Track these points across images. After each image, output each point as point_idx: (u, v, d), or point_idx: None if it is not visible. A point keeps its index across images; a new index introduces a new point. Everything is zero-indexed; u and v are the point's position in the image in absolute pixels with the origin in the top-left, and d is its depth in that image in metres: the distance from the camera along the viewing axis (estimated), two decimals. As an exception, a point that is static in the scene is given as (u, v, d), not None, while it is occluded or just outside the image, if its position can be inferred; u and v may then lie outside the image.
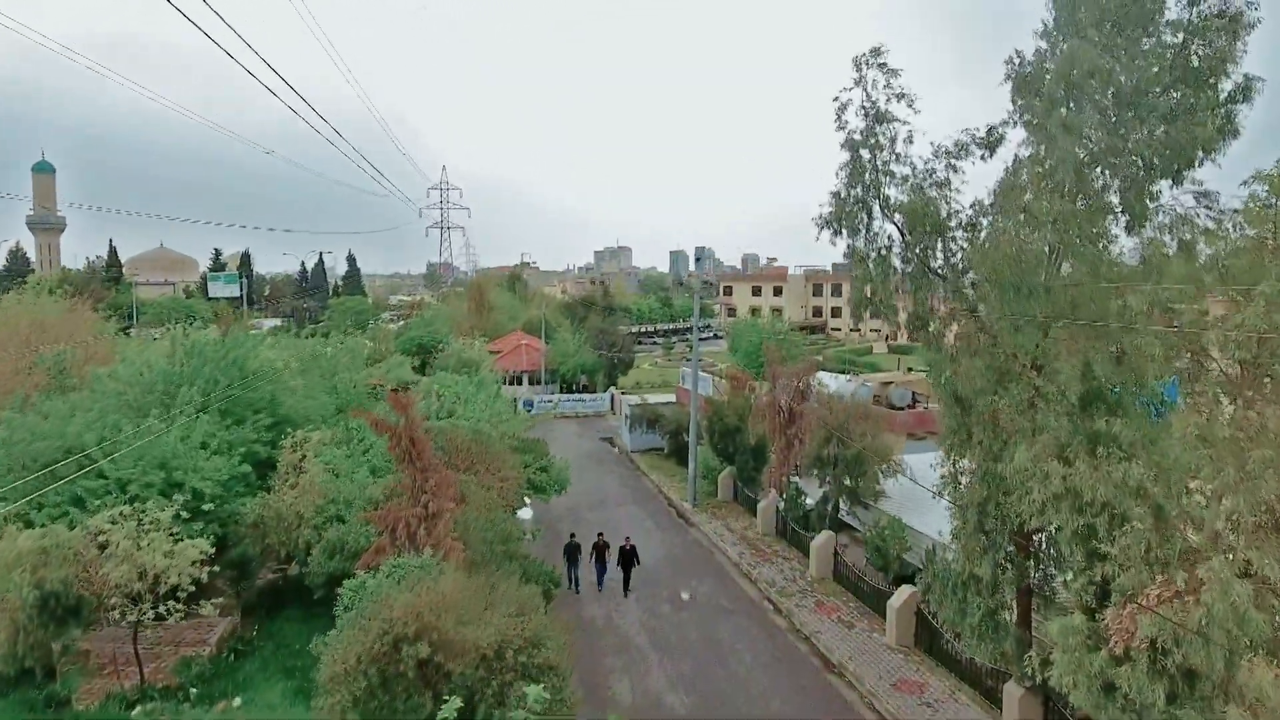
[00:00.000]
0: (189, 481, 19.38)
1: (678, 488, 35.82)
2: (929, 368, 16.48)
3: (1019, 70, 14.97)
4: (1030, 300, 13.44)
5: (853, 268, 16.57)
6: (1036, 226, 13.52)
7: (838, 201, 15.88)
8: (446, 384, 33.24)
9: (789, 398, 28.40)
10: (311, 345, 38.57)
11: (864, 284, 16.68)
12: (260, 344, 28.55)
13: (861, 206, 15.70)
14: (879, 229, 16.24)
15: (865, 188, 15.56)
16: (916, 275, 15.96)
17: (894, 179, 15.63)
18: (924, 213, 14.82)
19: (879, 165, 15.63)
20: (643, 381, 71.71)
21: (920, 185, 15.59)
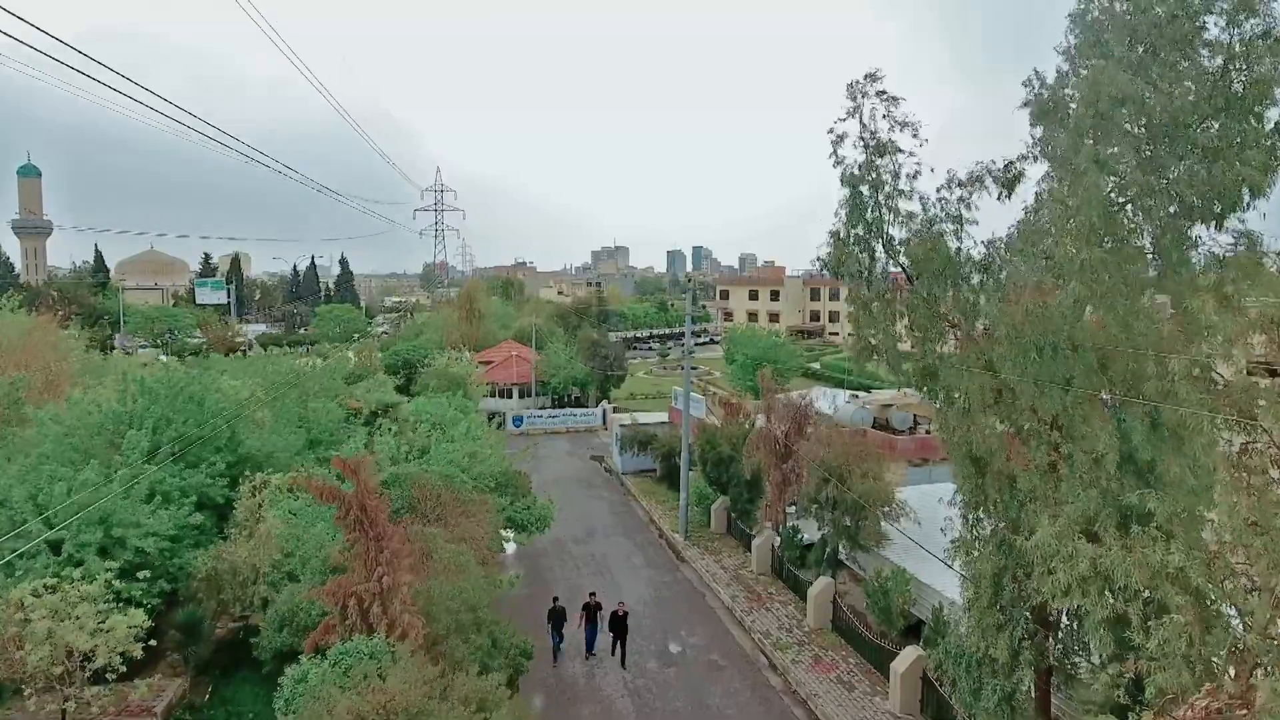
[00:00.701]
0: (130, 539, 17.76)
1: (669, 516, 34.25)
2: (939, 424, 14.91)
3: (1038, 96, 13.40)
4: (1055, 359, 11.88)
5: (854, 313, 15.01)
6: (1060, 274, 11.95)
7: (836, 243, 14.33)
8: (425, 410, 31.64)
9: (785, 428, 26.84)
10: (284, 366, 36.98)
11: (866, 331, 15.14)
12: (220, 375, 26.87)
13: (863, 248, 14.15)
14: (883, 270, 14.70)
15: (867, 226, 14.00)
16: (924, 322, 14.39)
17: (899, 215, 14.08)
18: (932, 257, 13.25)
19: (881, 201, 14.07)
20: (636, 393, 70.17)
21: (930, 221, 14.04)
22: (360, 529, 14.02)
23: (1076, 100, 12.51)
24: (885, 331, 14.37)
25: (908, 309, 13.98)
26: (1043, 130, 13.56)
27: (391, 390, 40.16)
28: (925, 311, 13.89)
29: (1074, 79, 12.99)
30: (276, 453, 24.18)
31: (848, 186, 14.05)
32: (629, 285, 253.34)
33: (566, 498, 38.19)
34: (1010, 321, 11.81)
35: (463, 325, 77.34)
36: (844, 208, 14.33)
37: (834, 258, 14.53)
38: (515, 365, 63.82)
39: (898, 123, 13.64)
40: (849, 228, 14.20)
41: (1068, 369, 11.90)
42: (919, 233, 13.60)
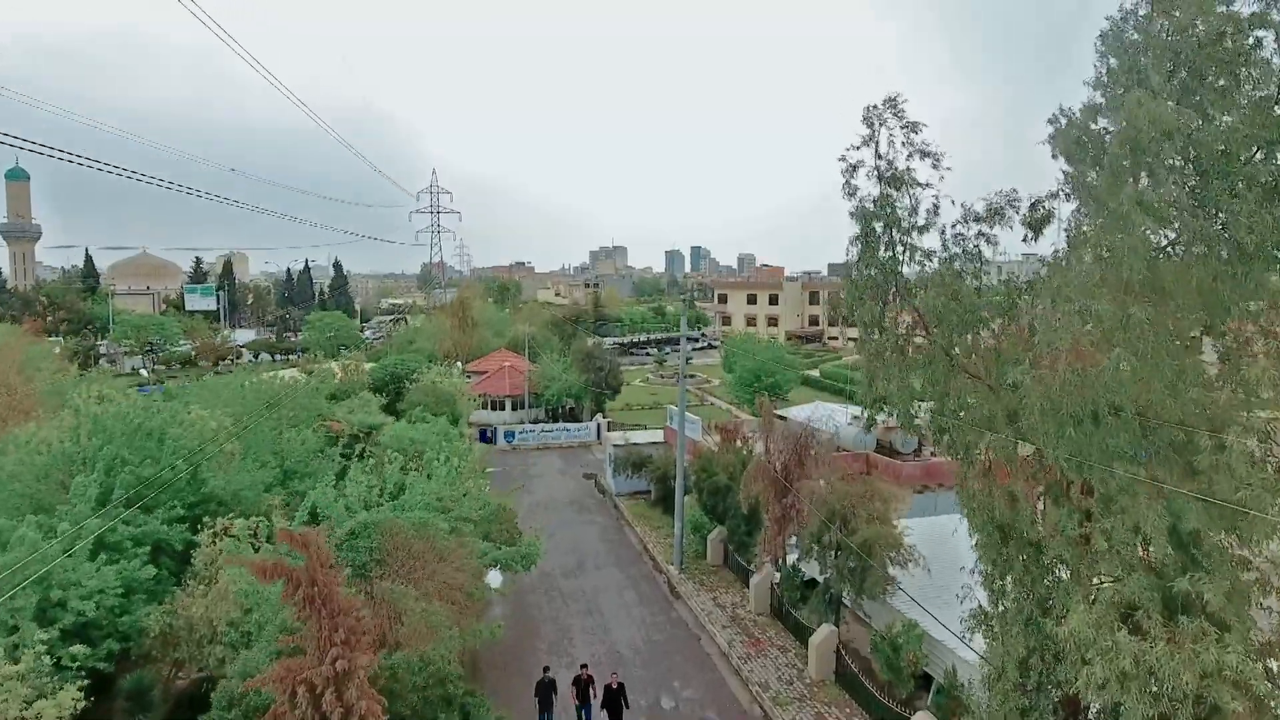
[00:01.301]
0: (70, 600, 16.27)
1: (664, 544, 32.79)
2: (959, 488, 13.43)
3: (1066, 130, 11.91)
4: (1096, 430, 10.40)
5: (865, 362, 13.54)
6: (1100, 332, 10.47)
7: (850, 287, 12.84)
8: (407, 436, 30.20)
9: (785, 460, 25.36)
10: (262, 388, 35.52)
11: (878, 381, 13.66)
12: (186, 406, 25.33)
13: (875, 294, 12.67)
14: (897, 310, 13.24)
15: (880, 267, 12.53)
16: (942, 376, 12.91)
17: (915, 254, 12.63)
18: (952, 308, 11.78)
19: (895, 239, 12.60)
20: (632, 404, 68.67)
21: (948, 260, 12.58)
22: (311, 606, 12.53)
23: (1115, 135, 11.01)
24: (899, 383, 12.91)
25: (925, 361, 12.50)
26: (1073, 167, 12.09)
27: (376, 410, 38.69)
28: (944, 365, 12.41)
29: (1108, 110, 11.50)
30: (244, 490, 22.71)
31: (859, 222, 12.58)
32: (627, 286, 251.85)
33: (557, 522, 36.81)
34: (1045, 391, 10.31)
35: (455, 334, 76.00)
36: (855, 245, 12.85)
37: (848, 304, 13.05)
38: (508, 376, 62.35)
39: (918, 151, 12.17)
40: (861, 268, 12.72)
41: (1110, 439, 10.43)
42: (937, 275, 12.12)
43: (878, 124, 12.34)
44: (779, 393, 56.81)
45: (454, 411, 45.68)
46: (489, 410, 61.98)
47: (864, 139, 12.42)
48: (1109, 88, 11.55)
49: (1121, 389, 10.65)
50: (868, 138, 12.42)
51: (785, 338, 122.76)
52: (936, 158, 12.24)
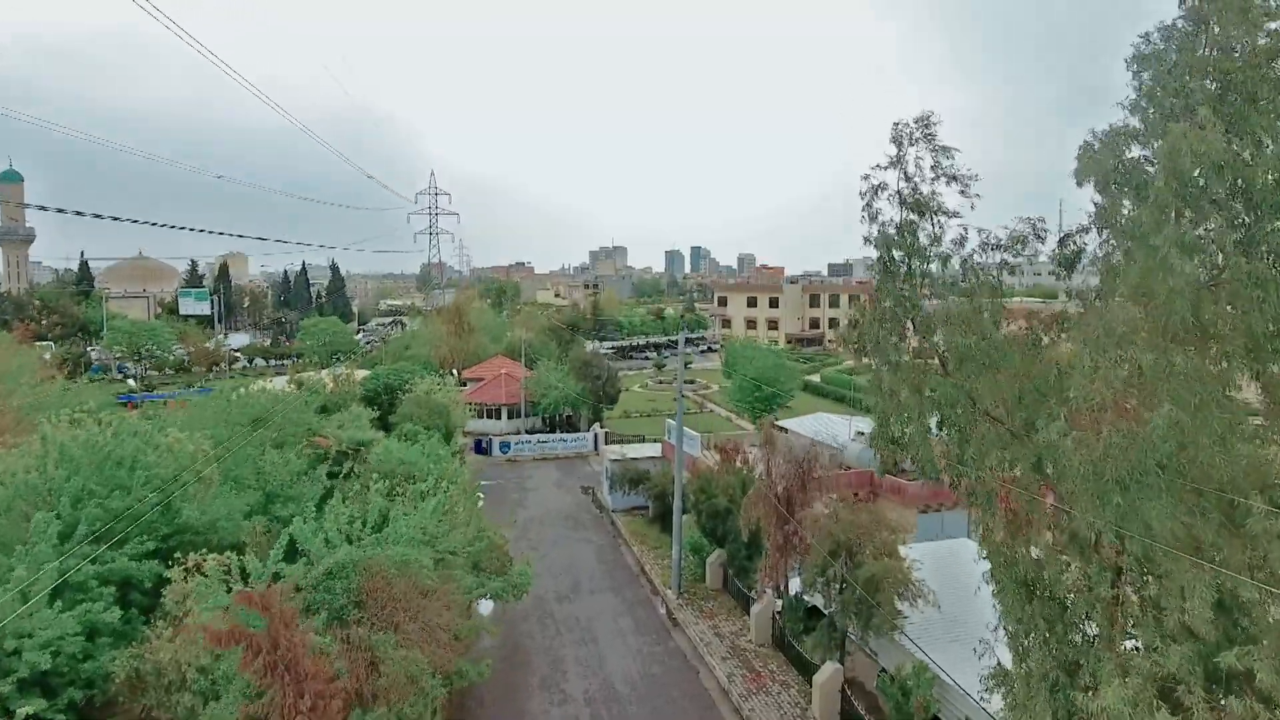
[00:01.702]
0: (26, 652, 15.24)
1: (662, 566, 31.77)
2: (982, 541, 12.41)
3: (1097, 158, 10.86)
4: (1142, 496, 9.36)
5: (877, 400, 12.52)
6: (1140, 376, 9.43)
7: (861, 314, 11.83)
8: (396, 455, 29.16)
9: (787, 485, 24.33)
10: (249, 404, 34.49)
11: (891, 422, 12.64)
12: (163, 430, 24.22)
13: (891, 327, 11.65)
14: (914, 346, 12.22)
15: (897, 299, 11.51)
16: (963, 421, 11.86)
17: (936, 286, 11.61)
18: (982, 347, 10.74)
19: (915, 270, 11.57)
20: (631, 411, 67.69)
21: (969, 293, 11.55)
22: (273, 674, 11.52)
23: (1158, 169, 9.97)
24: (915, 425, 11.87)
25: (945, 403, 11.45)
26: (1107, 199, 11.05)
27: (366, 424, 37.56)
28: (966, 408, 11.37)
29: (1145, 136, 10.46)
30: (220, 520, 21.63)
31: (879, 249, 11.55)
32: (626, 287, 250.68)
33: (552, 540, 35.82)
34: (1087, 455, 9.25)
35: (451, 340, 74.84)
36: (873, 271, 11.81)
37: (859, 336, 12.01)
38: (504, 385, 61.32)
39: (946, 175, 11.14)
40: (877, 300, 11.69)
41: (1153, 501, 9.39)
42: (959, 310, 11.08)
43: (906, 144, 11.31)
44: (780, 402, 55.82)
45: (447, 424, 44.70)
46: (485, 419, 61.01)
47: (891, 159, 11.40)
48: (1146, 111, 10.51)
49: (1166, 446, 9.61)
50: (895, 159, 11.40)
51: (785, 341, 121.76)
52: (966, 182, 11.22)
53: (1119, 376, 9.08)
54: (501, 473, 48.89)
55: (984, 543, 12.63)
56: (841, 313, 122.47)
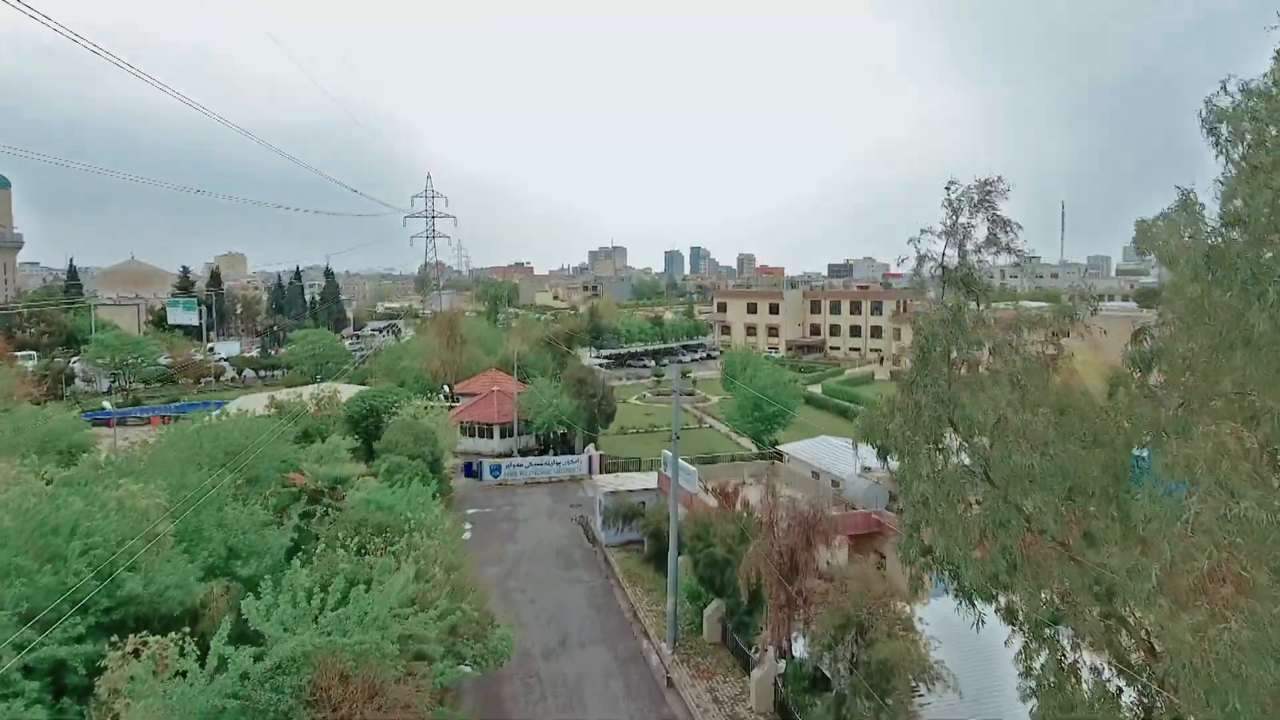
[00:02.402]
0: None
1: (656, 613, 29.90)
2: (1024, 671, 10.51)
3: (1161, 237, 8.96)
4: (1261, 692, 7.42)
5: (905, 505, 10.65)
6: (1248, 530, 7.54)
7: (891, 413, 9.97)
8: (375, 501, 27.28)
9: (791, 541, 22.44)
10: (222, 438, 32.57)
11: (921, 529, 10.76)
12: (117, 484, 22.28)
13: (928, 433, 9.77)
14: (950, 446, 10.35)
15: (936, 397, 9.64)
16: (1014, 536, 9.95)
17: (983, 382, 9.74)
18: (1041, 468, 8.86)
19: (958, 359, 9.70)
20: (628, 426, 65.83)
21: (1016, 378, 9.67)
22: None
23: (1242, 255, 8.06)
24: (954, 540, 9.98)
25: (992, 523, 9.54)
26: (1172, 276, 9.15)
27: (346, 457, 35.61)
28: (1017, 527, 9.47)
29: (1241, 206, 8.54)
30: (170, 589, 19.72)
31: (921, 338, 9.68)
32: (626, 289, 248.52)
33: (541, 581, 33.92)
34: (1209, 652, 7.19)
35: (444, 352, 72.96)
36: (909, 355, 9.94)
37: (883, 432, 10.13)
38: (496, 403, 59.36)
39: (1005, 248, 9.31)
40: (908, 394, 9.81)
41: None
42: (1013, 415, 9.16)
43: (962, 211, 9.44)
44: (780, 423, 53.93)
45: (434, 450, 42.82)
46: (476, 438, 59.09)
47: (945, 228, 9.53)
48: (1245, 172, 8.55)
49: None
50: (949, 226, 9.53)
51: (786, 348, 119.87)
52: (1024, 257, 9.36)
53: (1225, 530, 7.15)
54: (491, 498, 47.03)
55: (1026, 672, 10.73)
56: (843, 319, 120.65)
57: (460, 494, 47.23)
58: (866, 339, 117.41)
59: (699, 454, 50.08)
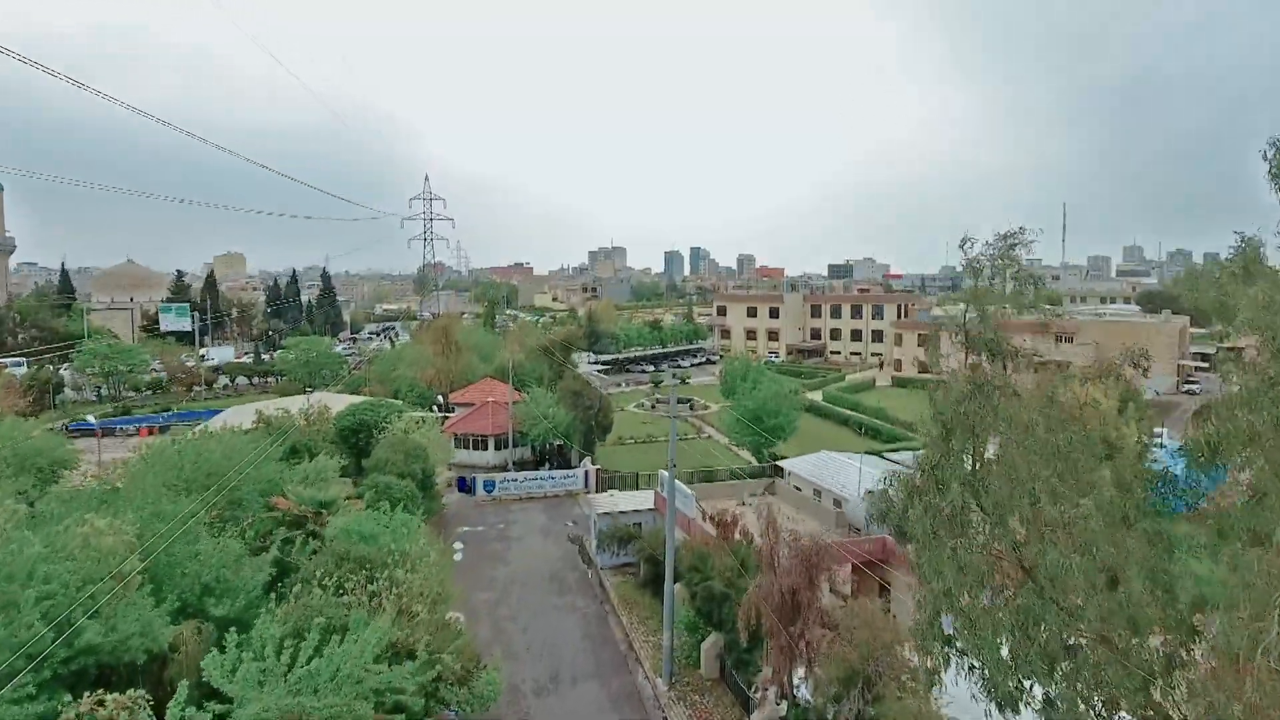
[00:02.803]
0: None
1: (652, 644, 28.77)
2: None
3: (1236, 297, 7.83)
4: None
5: (924, 593, 9.52)
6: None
7: (909, 493, 8.85)
8: (358, 531, 26.10)
9: (793, 581, 21.29)
10: (199, 458, 31.47)
11: (941, 605, 9.62)
12: (83, 521, 21.09)
13: (951, 525, 8.64)
14: (971, 523, 9.22)
15: (960, 482, 8.51)
16: (1054, 628, 8.81)
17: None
18: (1079, 568, 7.74)
19: (983, 438, 8.58)
20: (625, 437, 64.61)
21: (1060, 471, 8.55)
22: None
23: None
24: (982, 639, 8.84)
25: (1022, 618, 8.41)
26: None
27: (333, 479, 34.43)
28: (1055, 621, 8.33)
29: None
30: (132, 638, 18.58)
31: (939, 422, 8.57)
32: (625, 290, 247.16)
33: (533, 610, 32.75)
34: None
35: (439, 360, 71.83)
36: (930, 436, 8.82)
37: (884, 507, 9.02)
38: (491, 414, 58.23)
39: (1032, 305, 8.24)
40: (929, 477, 8.69)
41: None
42: (1054, 511, 8.05)
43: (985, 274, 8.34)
44: (781, 436, 52.78)
45: (425, 467, 41.65)
46: (471, 450, 57.96)
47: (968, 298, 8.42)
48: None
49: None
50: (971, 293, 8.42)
51: (786, 352, 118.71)
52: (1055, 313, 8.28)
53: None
54: (484, 515, 45.87)
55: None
56: (844, 323, 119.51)
57: (452, 511, 46.09)
58: (867, 343, 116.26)
59: (697, 467, 48.96)
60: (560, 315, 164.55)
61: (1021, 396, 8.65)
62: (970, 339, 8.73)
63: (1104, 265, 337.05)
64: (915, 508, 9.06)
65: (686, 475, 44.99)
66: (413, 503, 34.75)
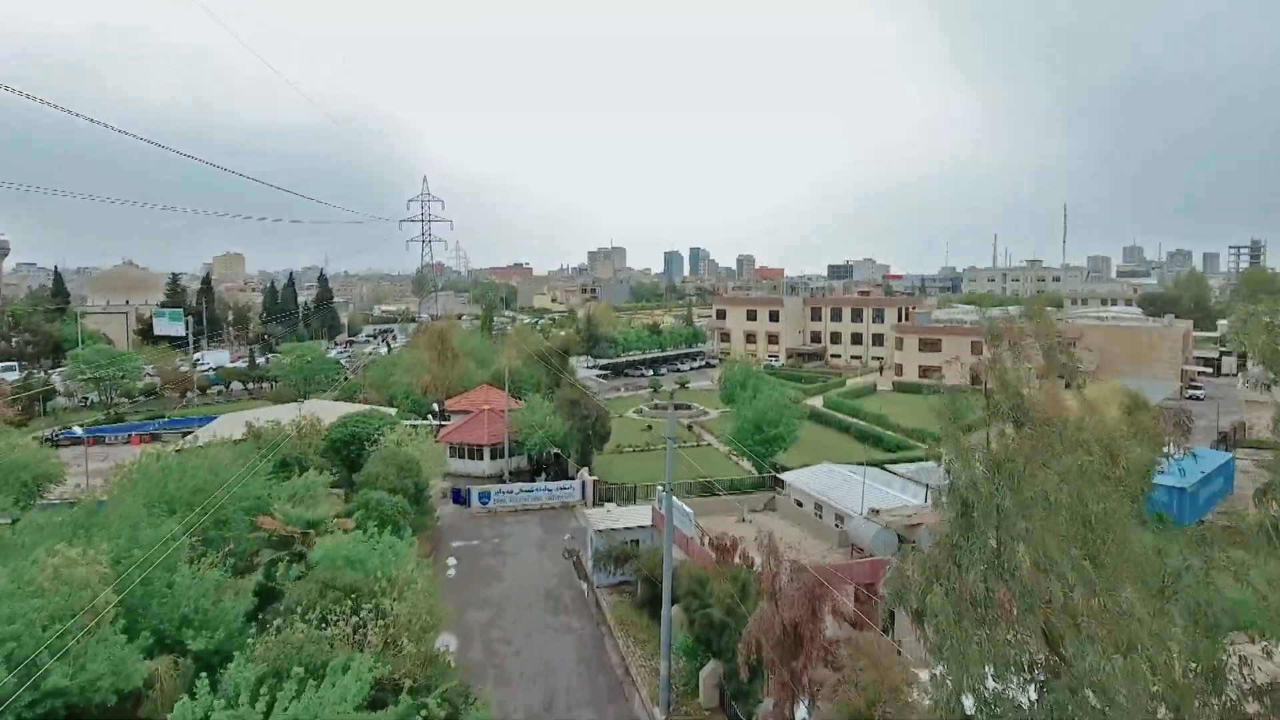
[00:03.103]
0: None
1: (650, 669, 27.91)
2: None
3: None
4: None
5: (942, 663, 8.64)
6: None
7: (928, 574, 7.99)
8: (341, 555, 25.23)
9: (795, 614, 20.42)
10: (184, 474, 30.65)
11: (964, 687, 8.74)
12: (52, 551, 20.21)
13: (975, 609, 7.76)
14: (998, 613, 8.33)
15: (987, 564, 7.64)
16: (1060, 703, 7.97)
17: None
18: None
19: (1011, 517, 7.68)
20: (624, 445, 63.70)
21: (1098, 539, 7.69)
22: None
23: None
24: None
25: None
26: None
27: (322, 497, 33.60)
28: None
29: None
30: (102, 679, 17.71)
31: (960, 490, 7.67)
32: (624, 291, 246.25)
33: (527, 631, 31.89)
34: None
35: (434, 367, 70.94)
36: (948, 514, 7.93)
37: (900, 587, 8.11)
38: (487, 422, 57.37)
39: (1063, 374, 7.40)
40: (949, 558, 7.77)
41: None
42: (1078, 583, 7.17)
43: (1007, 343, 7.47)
44: (782, 446, 51.91)
45: (418, 481, 40.74)
46: (466, 459, 57.11)
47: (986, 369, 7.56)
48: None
49: None
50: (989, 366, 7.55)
51: (786, 356, 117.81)
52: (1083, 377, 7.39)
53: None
54: (479, 528, 45.01)
55: None
56: (844, 327, 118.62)
57: (446, 524, 45.22)
58: (868, 347, 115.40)
59: (696, 477, 48.03)
60: (559, 317, 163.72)
61: (1050, 468, 7.79)
62: (992, 403, 7.87)
63: (1104, 266, 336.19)
64: (936, 592, 8.20)
65: (685, 487, 44.13)
66: (404, 519, 33.91)
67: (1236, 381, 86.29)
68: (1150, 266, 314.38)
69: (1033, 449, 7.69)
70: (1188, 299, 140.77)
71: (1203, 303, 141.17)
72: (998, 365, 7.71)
